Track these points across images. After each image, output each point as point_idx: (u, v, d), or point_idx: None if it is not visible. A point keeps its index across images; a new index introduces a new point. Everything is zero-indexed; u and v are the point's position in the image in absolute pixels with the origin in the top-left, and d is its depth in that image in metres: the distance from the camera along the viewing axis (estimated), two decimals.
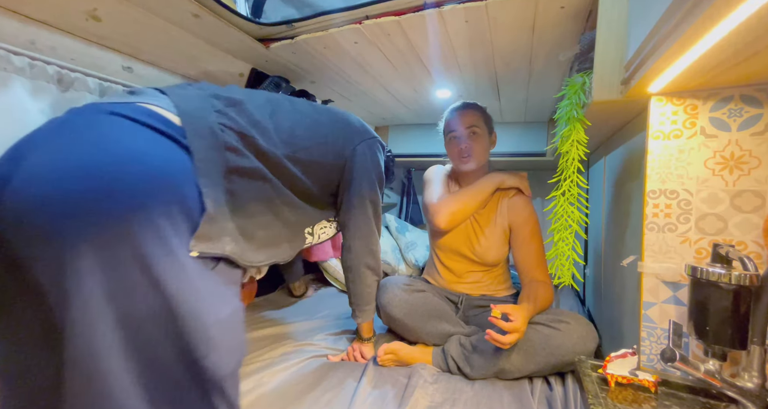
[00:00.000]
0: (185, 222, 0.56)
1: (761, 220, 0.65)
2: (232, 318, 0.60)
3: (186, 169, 0.59)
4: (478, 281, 1.19)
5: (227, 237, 0.64)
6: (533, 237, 1.12)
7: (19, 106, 0.69)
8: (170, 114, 0.63)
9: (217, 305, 0.57)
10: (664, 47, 0.52)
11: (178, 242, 0.54)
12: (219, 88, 0.78)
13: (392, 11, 0.92)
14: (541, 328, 0.94)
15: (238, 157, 0.69)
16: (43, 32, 0.75)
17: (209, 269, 0.61)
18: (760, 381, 0.58)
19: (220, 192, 0.64)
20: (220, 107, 0.71)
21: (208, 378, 0.54)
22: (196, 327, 0.53)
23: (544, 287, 1.04)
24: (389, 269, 1.87)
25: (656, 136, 0.71)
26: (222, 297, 0.60)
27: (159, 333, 0.51)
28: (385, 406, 0.80)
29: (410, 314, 1.05)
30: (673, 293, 0.71)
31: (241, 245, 0.68)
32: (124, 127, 0.57)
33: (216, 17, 0.91)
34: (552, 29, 0.95)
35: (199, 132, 0.64)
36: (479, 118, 1.15)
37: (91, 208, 0.48)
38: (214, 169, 0.63)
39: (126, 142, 0.55)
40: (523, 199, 1.16)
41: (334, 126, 0.93)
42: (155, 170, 0.54)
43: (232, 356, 0.59)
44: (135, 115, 0.58)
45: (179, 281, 0.52)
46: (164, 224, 0.53)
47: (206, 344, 0.54)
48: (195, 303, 0.53)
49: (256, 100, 0.80)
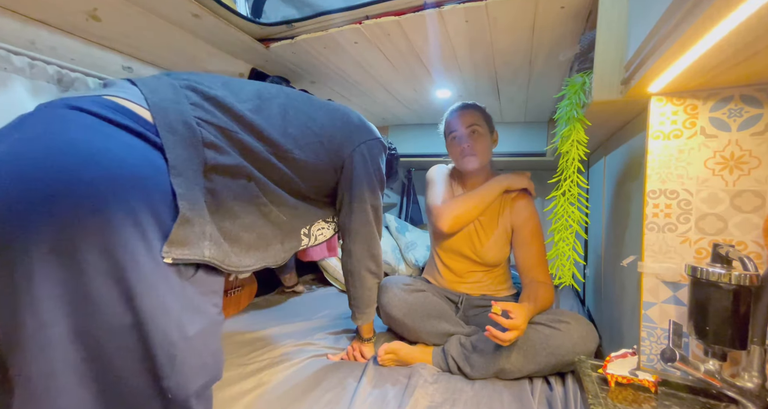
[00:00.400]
0: (156, 226, 0.52)
1: (761, 220, 0.65)
2: (202, 334, 0.55)
3: (155, 168, 0.54)
4: (478, 281, 1.19)
5: (207, 241, 0.59)
6: (534, 237, 1.12)
7: (19, 106, 0.69)
8: (139, 108, 0.58)
9: (186, 321, 0.53)
10: (664, 47, 0.52)
11: (146, 250, 0.50)
12: (198, 77, 0.71)
13: (392, 11, 0.92)
14: (542, 328, 0.94)
15: (218, 154, 0.63)
16: (43, 32, 0.75)
17: (185, 279, 0.56)
18: (760, 381, 0.58)
19: (197, 192, 0.59)
20: (196, 100, 0.65)
21: (172, 398, 0.51)
22: (160, 345, 0.49)
23: (544, 288, 1.04)
24: (389, 269, 1.87)
25: (656, 136, 0.71)
26: (194, 311, 0.55)
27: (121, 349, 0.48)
28: (385, 406, 0.80)
29: (410, 314, 1.05)
30: (673, 293, 0.71)
31: (223, 249, 0.63)
32: (84, 124, 0.51)
33: (216, 17, 0.91)
34: (552, 29, 0.95)
35: (171, 127, 0.58)
36: (479, 117, 1.15)
37: (42, 213, 0.44)
38: (189, 168, 0.58)
39: (84, 141, 0.49)
40: (526, 200, 1.16)
41: (332, 125, 0.86)
42: (116, 171, 0.49)
43: (198, 376, 0.54)
44: (98, 110, 0.53)
45: (143, 293, 0.49)
46: (128, 230, 0.48)
47: (169, 364, 0.50)
48: (161, 318, 0.50)
49: (241, 92, 0.74)
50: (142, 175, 0.52)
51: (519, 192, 1.18)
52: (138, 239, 0.49)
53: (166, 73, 0.72)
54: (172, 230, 0.54)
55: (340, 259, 1.75)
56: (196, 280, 0.58)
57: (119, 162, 0.50)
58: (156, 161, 0.55)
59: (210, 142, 0.63)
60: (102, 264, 0.46)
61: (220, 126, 0.65)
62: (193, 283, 0.57)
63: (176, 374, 0.51)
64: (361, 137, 0.91)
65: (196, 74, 0.74)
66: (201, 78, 0.71)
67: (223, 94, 0.68)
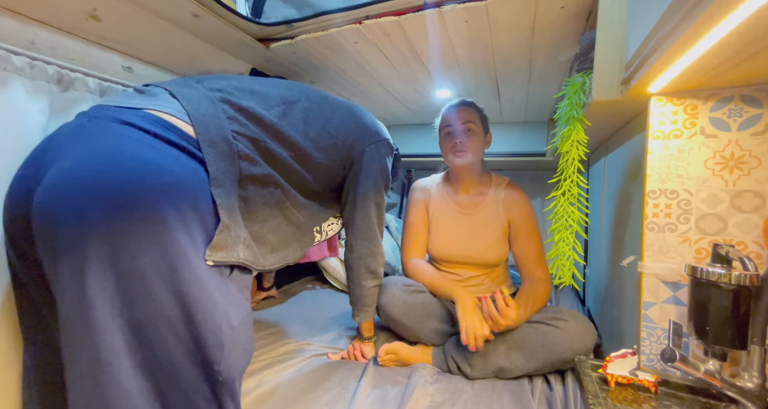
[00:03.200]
0: (202, 233, 0.58)
1: (761, 220, 0.65)
2: (243, 324, 0.61)
3: (200, 180, 0.60)
4: (479, 283, 1.19)
5: (241, 244, 0.65)
6: (532, 233, 1.13)
7: (19, 106, 0.69)
8: (183, 123, 0.62)
9: (231, 313, 0.58)
10: (664, 47, 0.52)
11: (196, 252, 0.55)
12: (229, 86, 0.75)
13: (392, 11, 0.92)
14: (540, 326, 0.95)
15: (251, 165, 0.69)
16: (43, 32, 0.75)
17: (225, 277, 0.61)
18: (760, 381, 0.58)
19: (233, 201, 0.65)
20: (232, 113, 0.69)
21: (221, 381, 0.56)
22: (211, 335, 0.54)
23: (542, 285, 1.05)
24: (389, 269, 1.87)
25: (656, 136, 0.71)
26: (236, 304, 0.61)
27: (173, 341, 0.52)
28: (385, 406, 0.80)
29: (408, 314, 1.06)
30: (673, 293, 0.71)
31: (254, 251, 0.69)
32: (137, 140, 0.56)
33: (216, 17, 0.91)
34: (552, 29, 0.95)
35: (212, 141, 0.63)
36: (476, 115, 1.15)
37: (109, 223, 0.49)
38: (227, 179, 0.64)
39: (141, 156, 0.54)
40: (519, 194, 1.17)
41: (347, 126, 0.90)
42: (171, 183, 0.54)
43: (242, 360, 0.60)
44: (148, 126, 0.58)
45: (197, 290, 0.53)
46: (182, 236, 0.53)
47: (220, 351, 0.55)
48: (211, 312, 0.55)
49: (268, 98, 0.77)
50: (190, 185, 0.57)
51: (508, 184, 1.20)
52: (189, 242, 0.54)
53: (197, 80, 0.75)
54: (214, 236, 0.59)
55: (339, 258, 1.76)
56: (233, 278, 0.64)
57: (171, 174, 0.55)
58: (200, 173, 0.60)
59: (244, 154, 0.68)
60: (161, 265, 0.51)
61: (253, 138, 0.70)
62: (232, 280, 0.63)
63: (226, 359, 0.56)
64: (372, 138, 0.95)
65: (226, 79, 0.77)
66: (232, 86, 0.74)
67: (253, 105, 0.73)
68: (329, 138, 0.85)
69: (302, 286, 1.84)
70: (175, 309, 0.52)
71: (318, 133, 0.83)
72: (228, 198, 0.63)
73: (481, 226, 1.17)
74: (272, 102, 0.77)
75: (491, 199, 1.18)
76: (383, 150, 0.98)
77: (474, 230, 1.17)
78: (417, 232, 1.23)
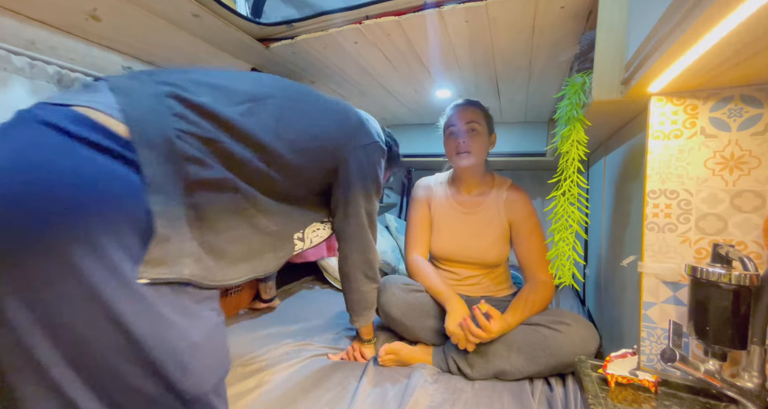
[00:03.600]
0: (138, 246, 0.51)
1: (761, 220, 0.65)
2: (209, 338, 0.56)
3: (129, 186, 0.52)
4: (478, 283, 1.19)
5: (187, 258, 0.57)
6: (533, 233, 1.12)
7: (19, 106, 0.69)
8: (114, 121, 0.54)
9: (189, 329, 0.54)
10: (664, 47, 0.52)
11: (131, 269, 0.50)
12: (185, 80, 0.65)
13: (392, 11, 0.92)
14: (542, 329, 0.94)
15: (201, 168, 0.60)
16: (43, 32, 0.75)
17: (178, 292, 0.56)
18: (760, 381, 0.58)
19: (177, 209, 0.57)
20: (180, 110, 0.60)
21: (190, 399, 0.52)
22: (167, 356, 0.50)
23: (542, 287, 1.05)
24: (389, 269, 1.87)
25: (656, 136, 0.71)
26: (194, 317, 0.56)
27: (126, 367, 0.49)
28: (385, 406, 0.80)
29: (408, 313, 1.06)
30: (673, 293, 0.71)
31: (206, 264, 0.61)
32: (54, 145, 0.50)
33: (216, 17, 0.91)
34: (552, 29, 0.95)
35: (150, 142, 0.55)
36: (480, 115, 1.15)
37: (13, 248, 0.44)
38: (169, 184, 0.56)
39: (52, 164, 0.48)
40: (520, 194, 1.17)
41: (330, 127, 0.82)
42: (89, 194, 0.49)
43: (212, 374, 0.56)
44: (70, 127, 0.51)
45: (138, 311, 0.49)
46: (111, 251, 0.48)
47: (181, 370, 0.51)
48: (162, 332, 0.50)
49: (233, 94, 0.68)
50: (115, 194, 0.51)
51: (510, 185, 1.20)
52: (124, 258, 0.49)
53: (150, 73, 0.66)
54: (148, 249, 0.52)
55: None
56: (187, 291, 0.57)
57: (90, 183, 0.49)
58: (128, 179, 0.52)
59: (192, 156, 0.59)
60: (86, 288, 0.46)
61: (206, 137, 0.61)
62: (185, 293, 0.57)
63: (191, 377, 0.52)
64: (360, 140, 0.88)
65: (184, 73, 0.68)
66: (189, 80, 0.66)
67: (209, 101, 0.63)
68: (308, 139, 0.77)
69: (302, 286, 1.84)
70: (117, 335, 0.47)
71: (295, 133, 0.74)
72: (169, 206, 0.55)
73: (481, 225, 1.17)
74: (238, 98, 0.69)
75: (493, 199, 1.18)
76: (373, 154, 0.91)
77: (474, 230, 1.17)
78: (420, 229, 1.23)
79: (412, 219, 1.26)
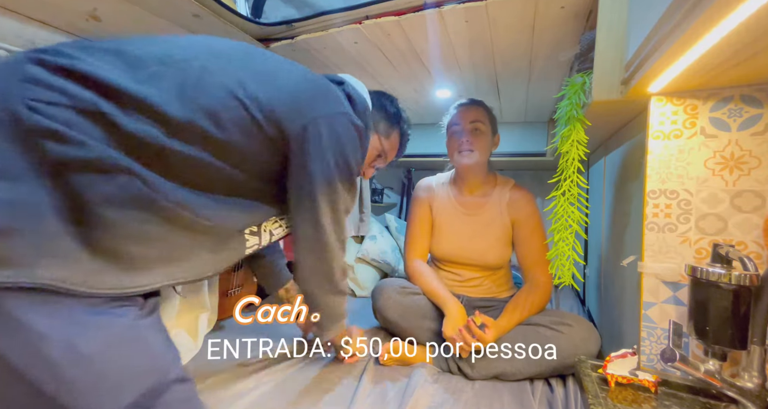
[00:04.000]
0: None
1: (761, 220, 0.65)
2: (109, 346, 0.49)
3: None
4: (479, 284, 1.19)
5: (44, 258, 0.47)
6: (534, 233, 1.12)
7: None
8: None
9: (76, 340, 0.47)
10: (664, 47, 0.52)
11: None
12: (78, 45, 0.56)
13: (392, 11, 0.92)
14: (543, 330, 0.94)
15: (64, 145, 0.49)
16: (43, 32, 0.75)
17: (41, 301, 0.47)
18: (760, 381, 0.58)
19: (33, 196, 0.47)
20: (40, 76, 0.50)
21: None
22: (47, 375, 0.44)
23: (540, 289, 1.05)
24: (389, 269, 1.87)
25: (656, 136, 0.71)
26: (87, 327, 0.48)
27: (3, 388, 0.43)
28: (385, 406, 0.80)
29: (405, 315, 1.06)
30: (673, 293, 0.71)
31: (82, 266, 0.50)
32: None
33: (216, 17, 0.91)
34: (552, 29, 0.96)
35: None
36: (484, 115, 1.15)
37: None
38: (16, 165, 0.47)
39: None
40: (522, 195, 1.16)
41: (273, 93, 0.64)
42: None
43: (122, 389, 0.48)
44: None
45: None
46: None
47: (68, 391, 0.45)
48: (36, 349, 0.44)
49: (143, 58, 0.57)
50: None
51: (514, 185, 1.19)
52: None
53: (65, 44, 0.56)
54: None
55: None
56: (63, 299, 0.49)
57: None
58: None
59: (51, 130, 0.48)
60: None
61: (81, 108, 0.50)
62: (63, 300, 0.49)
63: (83, 398, 0.45)
64: (317, 110, 0.68)
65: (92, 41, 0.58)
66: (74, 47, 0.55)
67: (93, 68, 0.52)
68: (236, 108, 0.60)
69: None
70: None
71: (220, 101, 0.59)
72: (15, 192, 0.46)
73: (483, 226, 1.17)
74: (144, 63, 0.57)
75: (495, 200, 1.18)
76: (338, 127, 0.69)
77: (476, 231, 1.17)
78: (420, 231, 1.23)
79: (412, 221, 1.25)
